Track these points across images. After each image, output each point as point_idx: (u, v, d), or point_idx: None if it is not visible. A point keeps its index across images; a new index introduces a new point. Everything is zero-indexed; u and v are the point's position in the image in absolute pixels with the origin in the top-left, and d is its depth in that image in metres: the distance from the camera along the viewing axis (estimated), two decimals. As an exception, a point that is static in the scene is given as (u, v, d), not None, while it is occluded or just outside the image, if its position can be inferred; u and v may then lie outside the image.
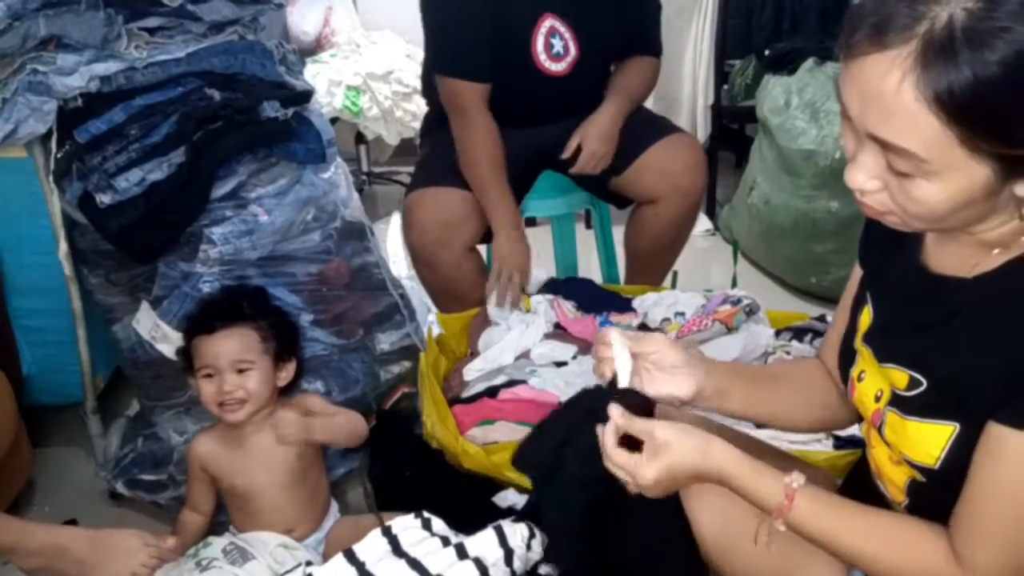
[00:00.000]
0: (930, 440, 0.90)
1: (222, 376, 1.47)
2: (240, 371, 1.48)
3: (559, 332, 1.92)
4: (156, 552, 1.35)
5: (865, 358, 1.02)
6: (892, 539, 0.93)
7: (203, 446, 1.55)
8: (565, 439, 1.12)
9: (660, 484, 0.98)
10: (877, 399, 0.98)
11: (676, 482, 0.99)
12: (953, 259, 0.92)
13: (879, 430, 0.97)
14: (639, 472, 0.97)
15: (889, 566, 0.93)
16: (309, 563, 1.38)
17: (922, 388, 0.91)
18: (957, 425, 0.88)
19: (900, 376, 0.94)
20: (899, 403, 0.94)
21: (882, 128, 0.80)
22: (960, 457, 0.87)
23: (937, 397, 0.90)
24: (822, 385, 1.17)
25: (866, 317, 1.04)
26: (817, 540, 0.96)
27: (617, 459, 0.99)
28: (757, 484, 0.97)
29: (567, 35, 2.00)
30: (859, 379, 1.03)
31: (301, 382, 1.67)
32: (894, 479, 0.97)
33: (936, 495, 0.90)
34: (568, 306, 1.98)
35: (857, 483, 1.09)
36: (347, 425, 1.61)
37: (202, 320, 1.53)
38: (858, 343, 1.04)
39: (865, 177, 0.86)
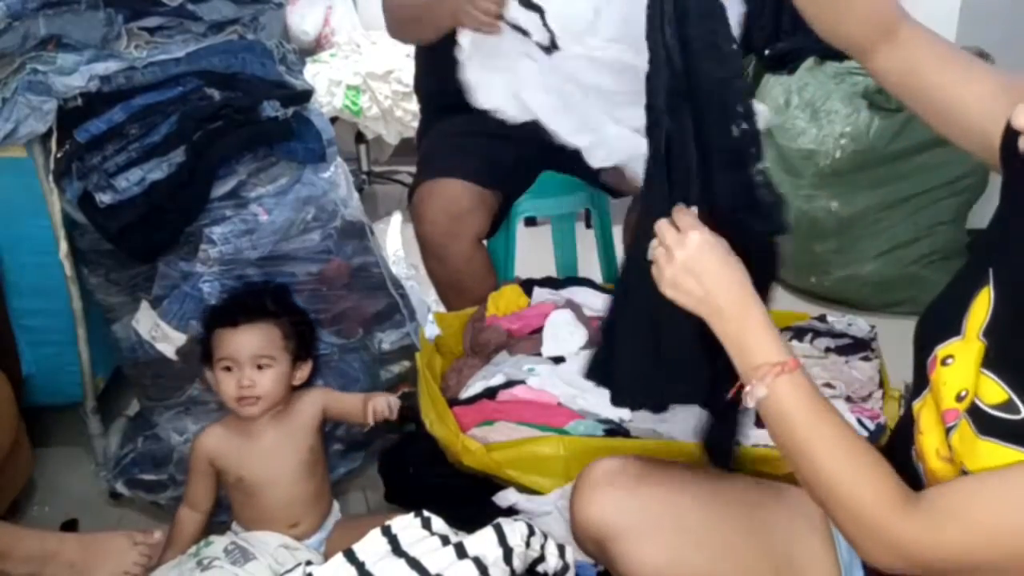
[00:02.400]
0: (1002, 464, 0.82)
1: (241, 370, 1.48)
2: (259, 366, 1.49)
3: (575, 305, 1.94)
4: (146, 550, 1.35)
5: (971, 351, 0.88)
6: (857, 455, 0.90)
7: (212, 438, 1.55)
8: None
9: (703, 246, 0.98)
10: (959, 399, 0.88)
11: (712, 254, 0.99)
12: None
13: (948, 431, 0.89)
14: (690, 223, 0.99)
15: (841, 478, 0.89)
16: (309, 563, 1.38)
17: (1021, 416, 0.82)
18: None
19: (996, 391, 0.84)
20: (978, 417, 0.85)
21: None
22: None
23: None
24: (869, 23, 1.04)
25: (984, 301, 0.89)
26: (788, 422, 0.92)
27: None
28: (774, 334, 0.95)
29: None
30: (944, 362, 0.91)
31: (314, 381, 1.68)
32: (937, 473, 0.92)
33: None
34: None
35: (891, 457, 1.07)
36: (356, 399, 1.64)
37: (225, 312, 1.53)
38: (974, 332, 0.89)
39: None
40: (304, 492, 1.55)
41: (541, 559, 1.21)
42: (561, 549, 1.23)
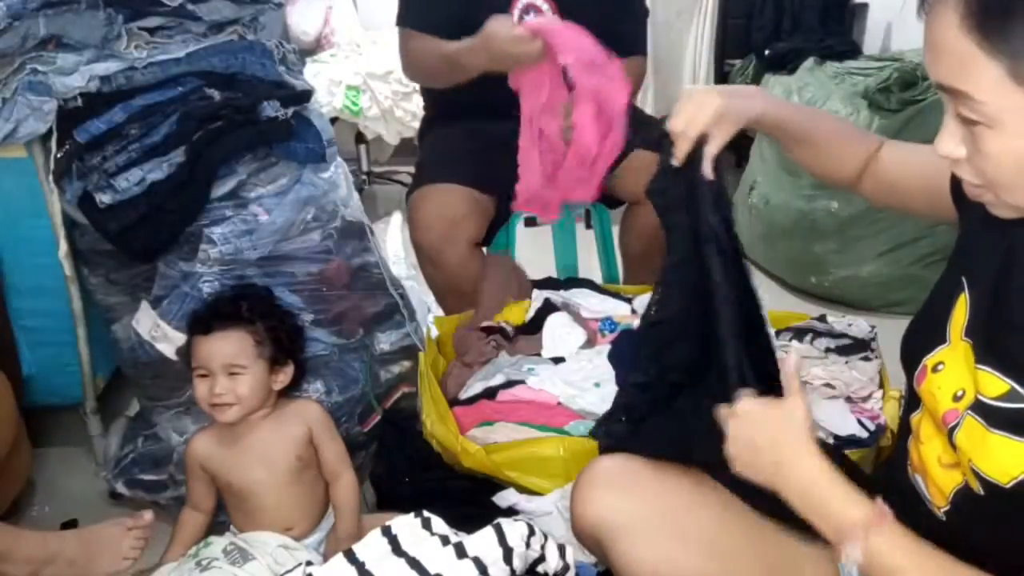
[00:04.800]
0: (1013, 460, 0.83)
1: (214, 378, 1.48)
2: (232, 374, 1.48)
3: (574, 305, 1.95)
4: (140, 533, 1.36)
5: (958, 352, 0.93)
6: None
7: (200, 444, 1.55)
8: None
9: (756, 414, 0.97)
10: (956, 398, 0.90)
11: (764, 423, 0.97)
12: None
13: (950, 431, 0.90)
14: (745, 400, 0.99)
15: None
16: (309, 563, 1.37)
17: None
18: None
19: (995, 383, 0.86)
20: (984, 411, 0.87)
21: (939, 71, 0.79)
22: None
23: None
24: (853, 164, 1.20)
25: (962, 307, 0.95)
26: (895, 572, 0.88)
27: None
28: (847, 490, 0.91)
29: (545, 9, 1.98)
30: (934, 369, 0.94)
31: (302, 384, 1.67)
32: (939, 481, 0.92)
33: (988, 510, 0.85)
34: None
35: (887, 479, 1.05)
36: (341, 450, 1.60)
37: (201, 319, 1.53)
38: (958, 335, 0.94)
39: (952, 144, 0.83)
40: (294, 497, 1.54)
41: (541, 559, 1.21)
42: (561, 549, 1.23)
